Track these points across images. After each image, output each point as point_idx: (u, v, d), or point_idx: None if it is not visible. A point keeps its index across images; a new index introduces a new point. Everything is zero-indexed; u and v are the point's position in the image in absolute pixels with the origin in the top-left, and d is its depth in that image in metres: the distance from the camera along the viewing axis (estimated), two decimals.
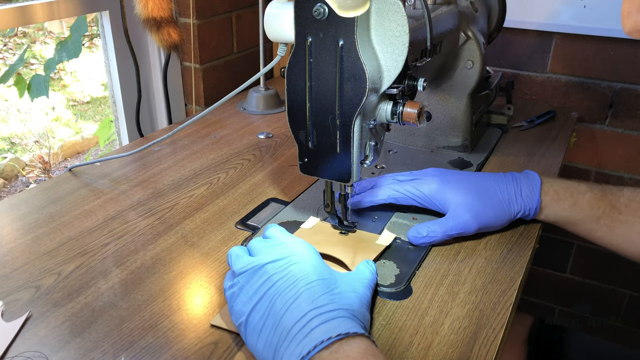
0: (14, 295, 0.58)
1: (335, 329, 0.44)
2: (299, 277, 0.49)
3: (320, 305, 0.47)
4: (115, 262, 0.64)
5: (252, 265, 0.51)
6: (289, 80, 0.59)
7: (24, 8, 0.91)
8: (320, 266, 0.52)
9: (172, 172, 0.86)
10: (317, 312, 0.46)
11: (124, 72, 1.10)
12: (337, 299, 0.48)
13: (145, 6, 0.98)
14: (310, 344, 0.44)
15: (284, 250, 0.52)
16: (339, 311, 0.47)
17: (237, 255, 0.54)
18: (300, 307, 0.46)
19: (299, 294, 0.48)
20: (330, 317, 0.46)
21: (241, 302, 0.50)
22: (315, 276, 0.49)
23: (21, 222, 0.72)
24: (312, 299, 0.47)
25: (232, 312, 0.51)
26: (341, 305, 0.47)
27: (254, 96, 1.14)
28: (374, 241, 0.67)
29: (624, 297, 1.40)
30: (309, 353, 0.43)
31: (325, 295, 0.48)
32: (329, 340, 0.43)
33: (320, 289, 0.48)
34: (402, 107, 0.60)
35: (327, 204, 0.66)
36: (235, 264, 0.53)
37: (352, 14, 0.50)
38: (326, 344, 0.43)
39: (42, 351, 0.51)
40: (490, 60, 1.26)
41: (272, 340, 0.46)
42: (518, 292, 0.60)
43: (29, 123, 3.13)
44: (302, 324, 0.45)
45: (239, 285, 0.51)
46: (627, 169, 1.26)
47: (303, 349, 0.44)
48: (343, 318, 0.46)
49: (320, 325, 0.45)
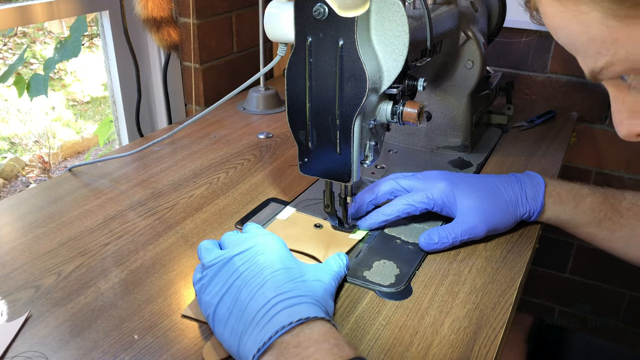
0: (14, 295, 0.58)
1: (297, 314, 0.46)
2: (264, 267, 0.50)
3: (283, 292, 0.48)
4: (115, 262, 0.64)
5: (221, 258, 0.52)
6: (289, 80, 0.59)
7: (24, 8, 0.91)
8: (286, 256, 0.53)
9: (172, 172, 0.86)
10: (280, 299, 0.47)
11: (124, 72, 1.10)
12: (300, 286, 0.49)
13: (145, 6, 0.98)
14: (272, 329, 0.45)
15: (252, 242, 0.53)
16: (301, 297, 0.48)
17: (206, 249, 0.55)
18: (264, 294, 0.48)
19: (264, 282, 0.49)
20: (293, 302, 0.47)
21: (210, 293, 0.51)
22: (280, 265, 0.51)
23: (21, 222, 0.72)
24: (276, 287, 0.48)
25: (201, 303, 0.52)
26: (304, 292, 0.49)
27: (254, 96, 1.14)
28: (347, 235, 0.68)
29: (624, 297, 1.40)
30: (270, 338, 0.44)
31: (289, 283, 0.49)
32: (290, 325, 0.45)
33: (284, 277, 0.49)
34: (402, 107, 0.60)
35: (327, 204, 0.66)
36: (205, 257, 0.54)
37: (352, 14, 0.50)
38: (288, 329, 0.45)
39: (42, 351, 0.51)
40: (490, 60, 1.26)
41: (237, 329, 0.47)
42: (518, 292, 0.60)
43: (29, 123, 3.13)
44: (265, 310, 0.46)
45: (208, 277, 0.52)
46: (627, 169, 1.26)
47: (265, 334, 0.45)
48: (306, 304, 0.47)
49: (283, 310, 0.46)
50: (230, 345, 0.48)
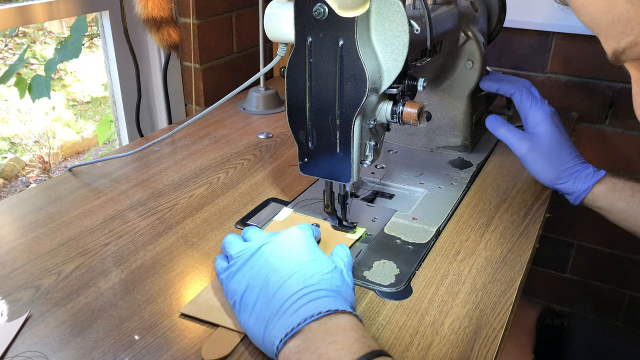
0: (14, 295, 0.58)
1: (325, 306, 0.47)
2: (293, 257, 0.51)
3: (312, 284, 0.49)
4: (115, 262, 0.64)
5: (249, 248, 0.54)
6: (289, 80, 0.59)
7: (24, 8, 0.91)
8: (313, 248, 0.54)
9: (172, 172, 0.86)
10: (308, 290, 0.48)
11: (124, 72, 1.10)
12: (327, 279, 0.50)
13: (145, 6, 0.98)
14: (301, 316, 0.46)
15: (279, 234, 0.55)
16: (329, 291, 0.49)
17: (233, 242, 0.57)
18: (292, 285, 0.49)
19: (292, 273, 0.50)
20: (320, 295, 0.48)
21: (236, 281, 0.52)
22: (308, 257, 0.52)
23: (21, 222, 0.72)
24: (304, 278, 0.49)
25: (227, 291, 0.53)
26: (331, 287, 0.50)
27: (254, 96, 1.14)
28: (344, 234, 0.68)
29: (624, 297, 1.40)
30: (299, 324, 0.45)
31: (317, 275, 0.50)
32: (320, 314, 0.46)
33: (312, 269, 0.50)
34: (402, 107, 0.60)
35: (327, 204, 0.66)
36: (233, 248, 0.56)
37: (352, 14, 0.50)
38: (317, 317, 0.46)
39: (42, 351, 0.51)
40: (490, 60, 1.26)
41: (264, 316, 0.48)
42: (518, 292, 0.60)
43: (29, 123, 3.13)
44: (293, 299, 0.47)
45: (236, 266, 0.53)
46: (627, 169, 1.26)
47: (294, 321, 0.46)
48: (333, 298, 0.48)
49: (311, 302, 0.47)
50: (254, 332, 0.49)
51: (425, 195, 0.79)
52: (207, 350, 0.51)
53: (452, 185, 0.82)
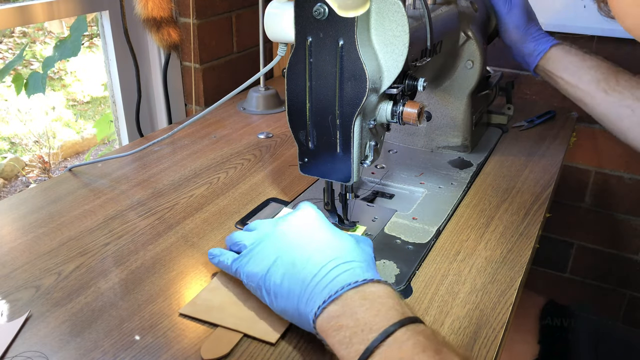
0: (14, 295, 0.58)
1: (361, 275, 0.48)
2: (315, 233, 0.53)
3: (342, 255, 0.50)
4: (115, 262, 0.64)
5: (263, 232, 0.55)
6: (289, 80, 0.59)
7: (24, 8, 0.91)
8: (332, 226, 0.56)
9: (172, 172, 0.86)
10: (341, 261, 0.49)
11: (124, 72, 1.10)
12: (354, 252, 0.51)
13: (145, 6, 0.98)
14: (338, 285, 0.47)
15: (293, 216, 0.57)
16: (357, 263, 0.50)
17: (242, 235, 0.58)
18: (323, 257, 0.50)
19: (319, 247, 0.51)
20: (353, 265, 0.49)
21: (254, 264, 0.53)
22: (331, 233, 0.53)
23: (21, 222, 0.72)
24: (333, 251, 0.50)
25: (246, 275, 0.54)
26: (361, 258, 0.51)
27: (254, 96, 1.14)
28: None
29: (624, 297, 1.40)
30: (336, 292, 0.46)
31: (345, 248, 0.51)
32: (356, 283, 0.47)
33: (338, 243, 0.52)
34: (402, 107, 0.60)
35: (328, 202, 0.66)
36: (244, 239, 0.57)
37: (352, 14, 0.50)
38: (354, 285, 0.47)
39: (42, 351, 0.51)
40: (490, 60, 1.26)
41: (294, 289, 0.49)
42: (518, 292, 0.60)
43: (29, 123, 3.13)
44: (327, 269, 0.49)
45: (251, 252, 0.54)
46: (627, 169, 1.26)
47: (331, 289, 0.47)
48: (363, 269, 0.49)
49: (346, 271, 0.48)
50: (286, 307, 0.50)
51: (425, 195, 0.79)
52: (206, 350, 0.51)
53: (452, 185, 0.82)
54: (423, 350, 0.42)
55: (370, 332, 0.44)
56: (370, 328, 0.44)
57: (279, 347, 0.52)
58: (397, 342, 0.43)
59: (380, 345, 0.43)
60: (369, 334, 0.44)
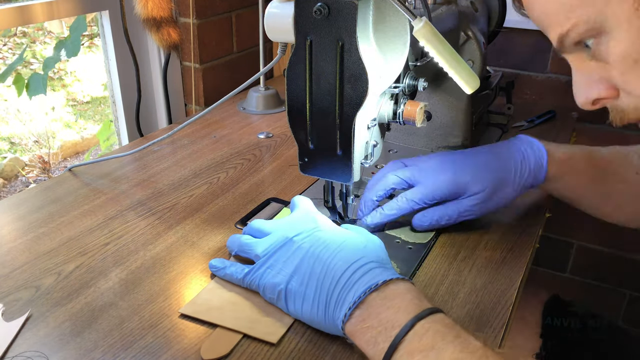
0: (14, 295, 0.58)
1: (380, 276, 0.50)
2: (328, 241, 0.54)
3: (357, 259, 0.51)
4: (115, 262, 0.64)
5: (276, 242, 0.56)
6: (289, 80, 0.59)
7: (24, 8, 0.91)
8: (340, 229, 0.57)
9: (172, 172, 0.86)
10: (357, 266, 0.51)
11: (124, 72, 1.10)
12: (368, 253, 0.52)
13: (145, 6, 0.98)
14: (361, 288, 0.49)
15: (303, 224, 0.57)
16: (373, 263, 0.51)
17: (250, 243, 0.58)
18: (340, 264, 0.51)
19: (335, 254, 0.52)
20: (369, 268, 0.51)
21: (274, 276, 0.54)
22: (342, 238, 0.54)
23: (21, 222, 0.72)
24: (348, 256, 0.52)
25: (264, 288, 0.55)
26: (374, 259, 0.52)
27: (254, 96, 1.13)
28: None
29: (624, 297, 1.40)
30: (360, 297, 0.48)
31: (358, 252, 0.52)
32: (376, 285, 0.49)
33: (350, 247, 0.53)
34: (402, 106, 0.60)
35: (327, 200, 0.66)
36: (256, 249, 0.57)
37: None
38: (374, 288, 0.49)
39: (42, 351, 0.51)
40: (490, 60, 1.26)
41: (319, 298, 0.51)
42: (518, 292, 0.60)
43: (29, 123, 3.13)
44: (347, 276, 0.50)
45: (268, 263, 0.55)
46: None
47: (355, 294, 0.49)
48: (380, 269, 0.51)
49: (365, 274, 0.50)
50: (312, 315, 0.52)
51: None
52: (206, 350, 0.51)
53: None
54: (442, 338, 0.44)
55: (393, 329, 0.46)
56: (393, 325, 0.46)
57: (280, 347, 0.52)
58: (418, 334, 0.45)
59: (402, 340, 0.45)
60: (391, 330, 0.46)
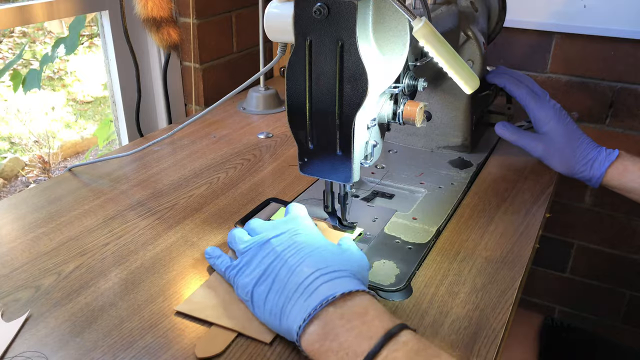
0: (14, 295, 0.58)
1: (339, 287, 0.48)
2: (302, 246, 0.53)
3: (322, 267, 0.50)
4: (115, 262, 0.64)
5: (256, 241, 0.56)
6: (289, 80, 0.59)
7: (24, 8, 0.91)
8: (321, 236, 0.57)
9: (172, 172, 0.86)
10: (320, 273, 0.49)
11: (124, 72, 1.10)
12: (338, 260, 0.52)
13: (144, 6, 0.98)
14: (316, 300, 0.47)
15: (286, 225, 0.57)
16: (340, 272, 0.50)
17: (239, 237, 0.59)
18: (304, 270, 0.50)
19: (303, 259, 0.51)
20: (333, 277, 0.49)
21: (246, 275, 0.54)
22: (317, 244, 0.54)
23: (21, 222, 0.72)
24: (315, 262, 0.51)
25: (237, 286, 0.55)
26: (342, 267, 0.51)
27: (254, 96, 1.13)
28: (342, 233, 0.68)
29: (624, 297, 1.40)
30: (315, 309, 0.46)
31: (327, 259, 0.51)
32: (333, 297, 0.46)
33: (321, 254, 0.52)
34: (402, 107, 0.60)
35: (327, 204, 0.66)
36: (239, 243, 0.58)
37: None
38: (331, 300, 0.46)
39: (42, 351, 0.51)
40: (490, 60, 1.26)
41: (278, 303, 0.49)
42: (518, 292, 0.60)
43: (29, 123, 3.13)
44: (306, 283, 0.49)
45: (244, 261, 0.55)
46: None
47: (309, 305, 0.47)
48: (346, 278, 0.49)
49: (324, 284, 0.48)
50: (272, 321, 0.50)
51: (425, 195, 0.79)
52: (200, 348, 0.51)
53: (452, 185, 0.82)
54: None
55: (356, 357, 0.43)
56: (355, 352, 0.43)
57: (278, 347, 0.52)
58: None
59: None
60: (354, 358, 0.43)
